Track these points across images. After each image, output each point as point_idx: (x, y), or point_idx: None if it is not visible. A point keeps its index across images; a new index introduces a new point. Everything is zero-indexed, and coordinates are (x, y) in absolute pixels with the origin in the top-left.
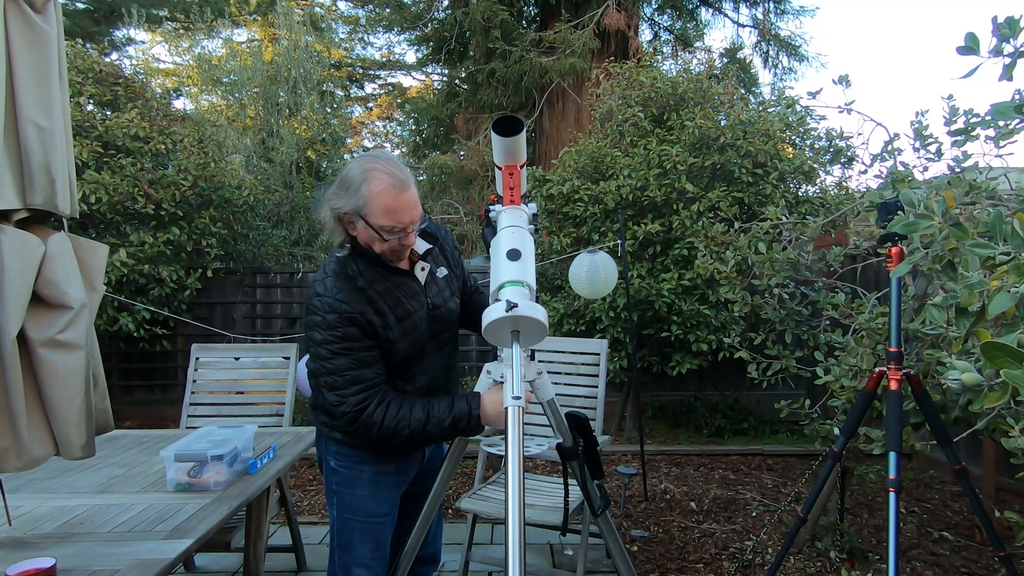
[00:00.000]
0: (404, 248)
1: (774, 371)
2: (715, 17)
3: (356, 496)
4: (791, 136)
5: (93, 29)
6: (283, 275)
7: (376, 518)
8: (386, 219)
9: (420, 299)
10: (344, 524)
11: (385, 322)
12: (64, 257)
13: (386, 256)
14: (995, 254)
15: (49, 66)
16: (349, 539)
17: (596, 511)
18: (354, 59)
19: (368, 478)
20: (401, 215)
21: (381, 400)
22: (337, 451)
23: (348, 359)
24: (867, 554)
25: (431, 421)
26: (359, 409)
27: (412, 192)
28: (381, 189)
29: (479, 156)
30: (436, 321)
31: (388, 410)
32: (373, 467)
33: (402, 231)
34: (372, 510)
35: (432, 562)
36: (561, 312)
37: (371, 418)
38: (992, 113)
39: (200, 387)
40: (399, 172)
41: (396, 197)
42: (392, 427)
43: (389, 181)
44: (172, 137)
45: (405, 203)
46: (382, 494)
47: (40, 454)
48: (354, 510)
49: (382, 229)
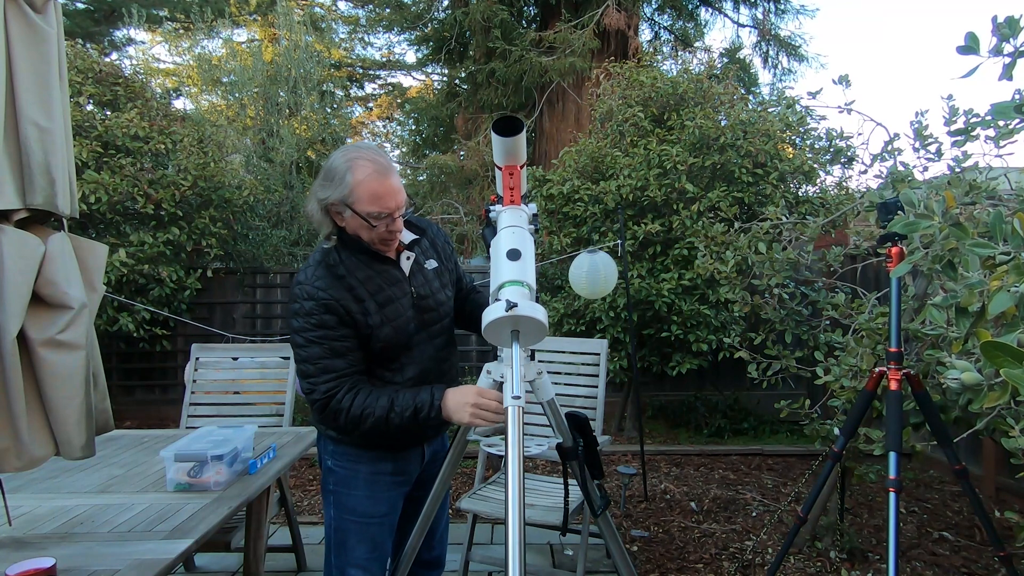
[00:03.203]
0: (392, 235)
1: (774, 371)
2: (715, 17)
3: (352, 496)
4: (791, 136)
5: (93, 29)
6: (283, 275)
7: (372, 518)
8: (372, 205)
9: (403, 287)
10: (340, 524)
11: (364, 308)
12: (64, 257)
13: (375, 244)
14: (995, 254)
15: (49, 66)
16: (345, 539)
17: (596, 511)
18: (354, 59)
19: (364, 478)
20: (387, 200)
21: (350, 389)
22: (334, 450)
23: (321, 348)
24: (867, 554)
25: (395, 409)
26: (328, 397)
27: (395, 178)
28: (365, 176)
29: (479, 156)
30: (424, 312)
31: (356, 398)
32: (369, 466)
33: (389, 216)
34: (368, 510)
35: (437, 566)
36: (561, 312)
37: (339, 404)
38: (992, 113)
39: (200, 387)
40: (381, 159)
41: (381, 183)
42: (358, 415)
43: (372, 168)
44: (172, 137)
45: (389, 188)
46: (379, 494)
47: (40, 454)
48: (350, 510)
49: (369, 216)
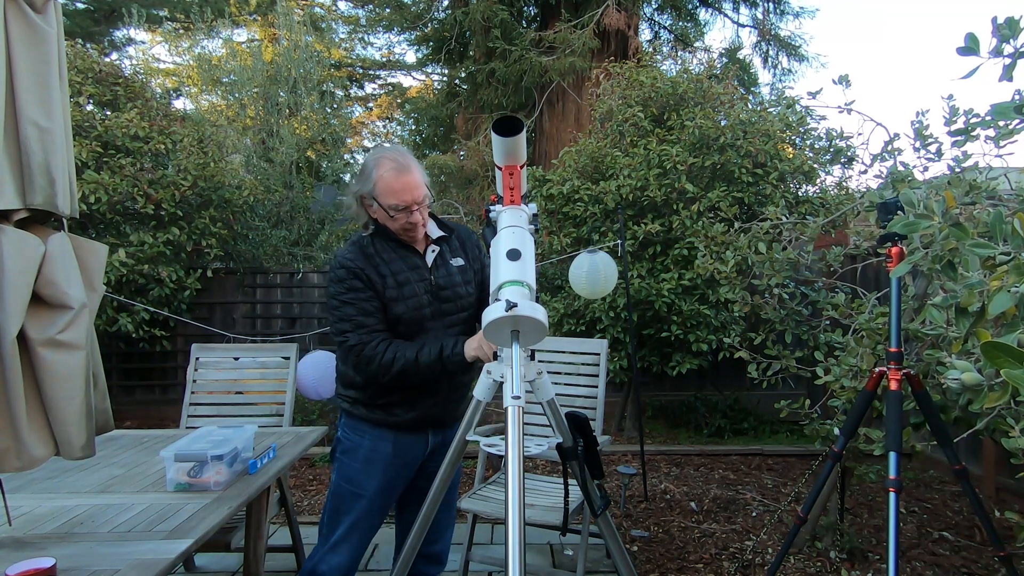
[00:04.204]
0: (412, 226)
1: (774, 371)
2: (715, 17)
3: (350, 466)
4: (791, 136)
5: (93, 29)
6: (283, 275)
7: (364, 492)
8: (391, 198)
9: (422, 273)
10: (337, 489)
11: (384, 283)
12: (64, 257)
13: (400, 234)
14: (995, 254)
15: (49, 66)
16: (339, 505)
17: (596, 511)
18: (354, 59)
19: (364, 452)
20: (403, 194)
21: (382, 340)
22: (346, 421)
23: (354, 308)
24: (867, 554)
25: (421, 353)
26: (362, 344)
27: (414, 175)
28: (385, 172)
29: (479, 156)
30: (442, 301)
31: (388, 348)
32: (371, 443)
33: (406, 209)
34: (362, 482)
35: (438, 561)
36: (561, 312)
37: (373, 351)
38: (992, 113)
39: (200, 387)
40: (401, 158)
41: (397, 178)
42: (390, 359)
43: (392, 165)
44: (172, 137)
45: (406, 184)
46: (373, 470)
47: (40, 454)
48: (347, 479)
49: (389, 207)
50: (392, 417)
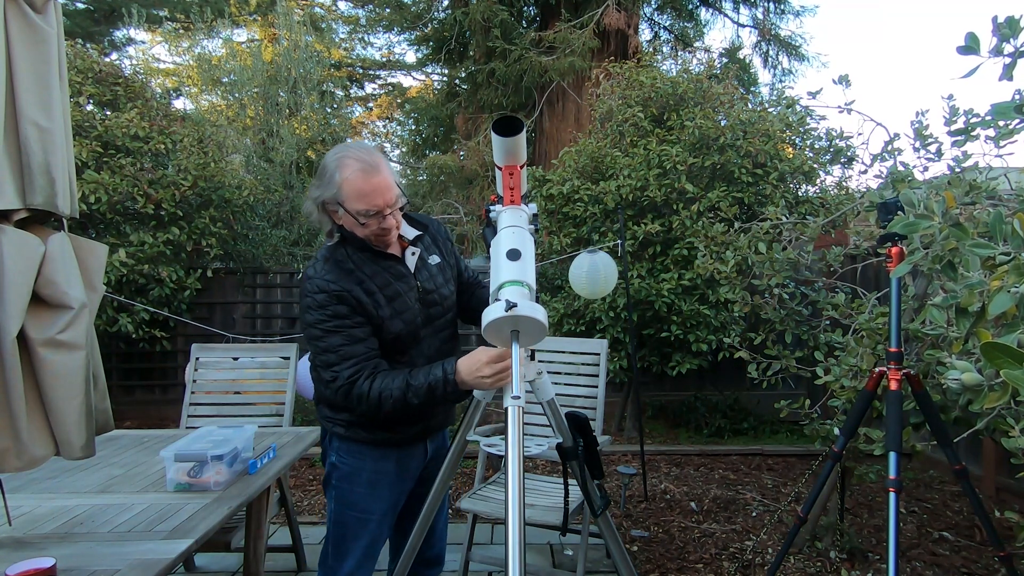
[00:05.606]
0: (385, 232)
1: (774, 371)
2: (715, 17)
3: (354, 492)
4: (791, 136)
5: (93, 29)
6: (283, 275)
7: (372, 515)
8: (360, 203)
9: (409, 282)
10: (340, 518)
11: (375, 301)
12: (64, 257)
13: (371, 241)
14: (995, 254)
15: (49, 66)
16: (344, 533)
17: (596, 511)
18: (354, 59)
19: (367, 475)
20: (374, 198)
21: (370, 374)
22: (339, 446)
23: (340, 336)
24: (867, 554)
25: (411, 389)
26: (350, 383)
27: (384, 175)
28: (351, 174)
29: (479, 156)
30: (429, 306)
31: (374, 382)
32: (373, 464)
33: (378, 213)
34: (369, 506)
35: (437, 564)
36: (561, 312)
37: (360, 390)
38: (992, 113)
39: (200, 387)
40: (368, 157)
41: (367, 180)
42: (377, 398)
43: (359, 166)
44: (172, 137)
45: (376, 186)
46: (381, 491)
47: (40, 454)
48: (351, 505)
49: (359, 213)
50: (397, 435)
